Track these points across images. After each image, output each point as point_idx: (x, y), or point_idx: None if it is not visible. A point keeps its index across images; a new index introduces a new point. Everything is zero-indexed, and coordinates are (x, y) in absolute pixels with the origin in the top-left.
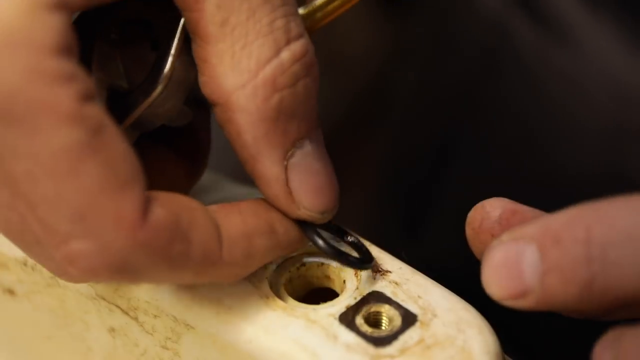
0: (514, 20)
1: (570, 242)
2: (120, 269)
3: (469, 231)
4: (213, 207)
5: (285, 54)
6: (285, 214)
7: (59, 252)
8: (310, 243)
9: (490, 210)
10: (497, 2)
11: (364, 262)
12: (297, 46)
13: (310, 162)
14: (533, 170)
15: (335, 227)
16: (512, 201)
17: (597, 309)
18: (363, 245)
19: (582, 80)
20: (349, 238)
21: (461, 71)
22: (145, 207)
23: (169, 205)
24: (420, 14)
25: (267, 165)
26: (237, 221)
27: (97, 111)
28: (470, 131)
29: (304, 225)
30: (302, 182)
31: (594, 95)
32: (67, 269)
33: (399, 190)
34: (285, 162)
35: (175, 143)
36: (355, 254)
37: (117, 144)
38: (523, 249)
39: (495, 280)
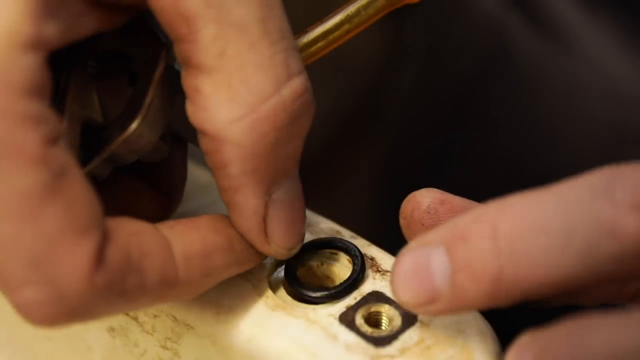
0: (511, 23)
1: (477, 239)
2: (77, 314)
3: (401, 221)
4: (170, 224)
5: (286, 91)
6: (252, 248)
7: (15, 298)
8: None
9: (420, 200)
10: (494, 4)
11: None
12: (297, 83)
13: (291, 198)
14: (530, 171)
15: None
16: (442, 191)
17: (509, 302)
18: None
19: (579, 82)
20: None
21: (458, 73)
22: (101, 251)
23: (120, 239)
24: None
25: (249, 198)
26: (195, 238)
27: (62, 154)
28: (468, 132)
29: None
30: (280, 219)
31: (591, 97)
32: (24, 314)
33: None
34: (267, 197)
35: (150, 176)
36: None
37: (79, 188)
38: (431, 253)
39: (405, 288)
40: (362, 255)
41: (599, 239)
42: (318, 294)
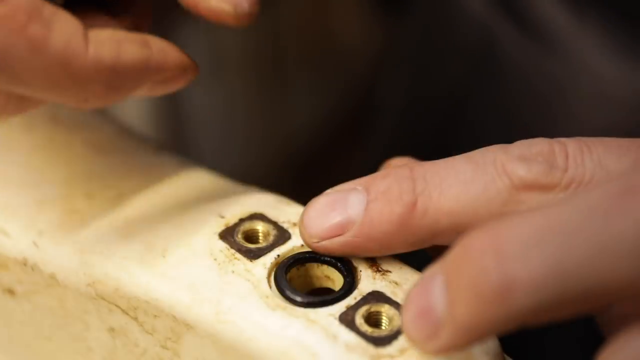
0: (501, 28)
1: (395, 176)
2: None
3: None
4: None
5: None
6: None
7: None
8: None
9: (393, 164)
10: (485, 9)
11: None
12: None
13: None
14: None
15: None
16: (414, 160)
17: (422, 235)
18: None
19: (569, 86)
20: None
21: (450, 78)
22: None
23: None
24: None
25: None
26: (106, 27)
27: None
28: (460, 135)
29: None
30: None
31: (582, 101)
32: None
33: None
34: None
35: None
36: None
37: None
38: (349, 193)
39: (316, 216)
40: (350, 266)
41: (494, 176)
42: (299, 299)
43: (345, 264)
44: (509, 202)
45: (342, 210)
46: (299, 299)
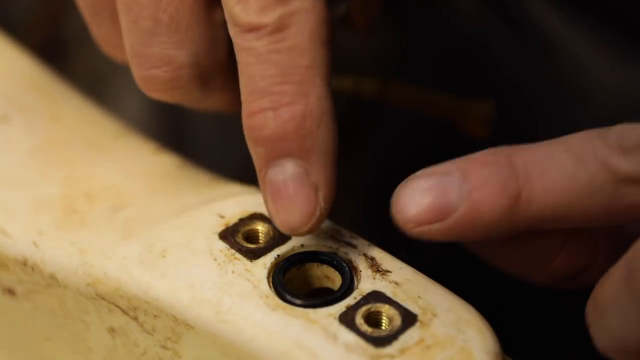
0: (495, 30)
1: (495, 165)
2: None
3: None
4: None
5: None
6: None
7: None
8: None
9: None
10: (478, 12)
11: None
12: None
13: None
14: None
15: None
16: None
17: (523, 226)
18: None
19: (564, 87)
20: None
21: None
22: None
23: None
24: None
25: None
26: None
27: None
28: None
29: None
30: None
31: (577, 101)
32: None
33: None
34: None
35: None
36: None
37: None
38: (445, 178)
39: (412, 201)
40: (349, 266)
41: (597, 170)
42: (298, 299)
43: (345, 264)
44: (614, 195)
45: (440, 196)
46: (298, 299)
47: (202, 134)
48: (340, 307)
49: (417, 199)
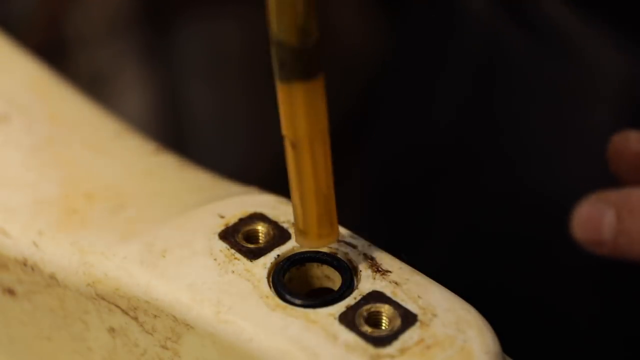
0: (506, 30)
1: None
2: None
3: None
4: None
5: None
6: None
7: None
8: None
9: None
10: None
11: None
12: None
13: None
14: (529, 178)
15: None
16: None
17: None
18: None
19: (579, 87)
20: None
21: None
22: None
23: None
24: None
25: None
26: None
27: None
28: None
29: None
30: None
31: (592, 101)
32: None
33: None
34: None
35: None
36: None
37: None
38: (604, 210)
39: (581, 228)
40: (349, 266)
41: None
42: (298, 299)
43: (345, 264)
44: None
45: (597, 230)
46: (298, 299)
47: (202, 134)
48: (340, 307)
49: (582, 226)
